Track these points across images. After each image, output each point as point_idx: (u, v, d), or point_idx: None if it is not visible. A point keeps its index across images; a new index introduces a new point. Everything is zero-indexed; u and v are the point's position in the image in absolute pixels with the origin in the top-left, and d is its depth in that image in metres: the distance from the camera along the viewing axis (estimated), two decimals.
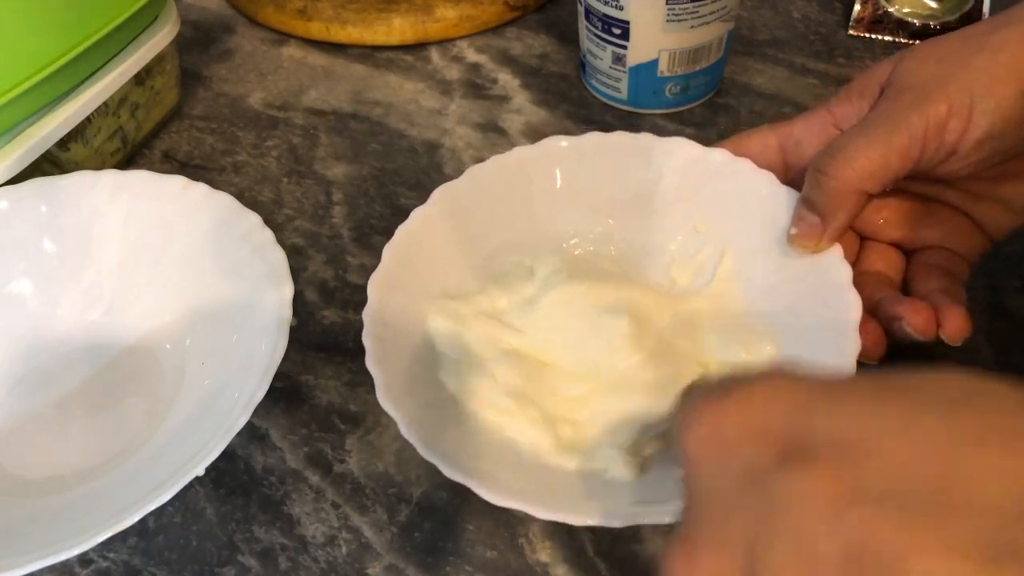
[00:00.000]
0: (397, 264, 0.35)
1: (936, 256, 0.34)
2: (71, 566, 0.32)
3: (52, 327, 0.39)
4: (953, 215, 0.35)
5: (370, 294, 0.33)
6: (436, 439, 0.29)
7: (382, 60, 0.55)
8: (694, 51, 0.46)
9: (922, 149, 0.30)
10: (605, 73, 0.48)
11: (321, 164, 0.48)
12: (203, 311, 0.37)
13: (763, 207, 0.35)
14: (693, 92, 0.48)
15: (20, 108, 0.40)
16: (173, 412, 0.35)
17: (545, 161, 0.39)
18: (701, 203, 0.37)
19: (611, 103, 0.50)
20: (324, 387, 0.37)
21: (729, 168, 0.36)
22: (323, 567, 0.32)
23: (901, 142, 0.30)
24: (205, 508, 0.34)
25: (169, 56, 0.48)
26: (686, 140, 0.37)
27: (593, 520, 0.27)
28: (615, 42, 0.46)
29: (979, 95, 0.29)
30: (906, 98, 0.31)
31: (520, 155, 0.38)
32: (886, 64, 0.33)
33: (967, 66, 0.30)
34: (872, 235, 0.36)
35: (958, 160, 0.31)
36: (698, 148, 0.37)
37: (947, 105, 0.30)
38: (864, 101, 0.33)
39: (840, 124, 0.34)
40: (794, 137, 0.35)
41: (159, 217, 0.39)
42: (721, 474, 0.18)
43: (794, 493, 0.16)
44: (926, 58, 0.31)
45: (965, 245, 0.34)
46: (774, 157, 0.36)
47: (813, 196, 0.32)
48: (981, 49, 0.30)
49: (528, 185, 0.38)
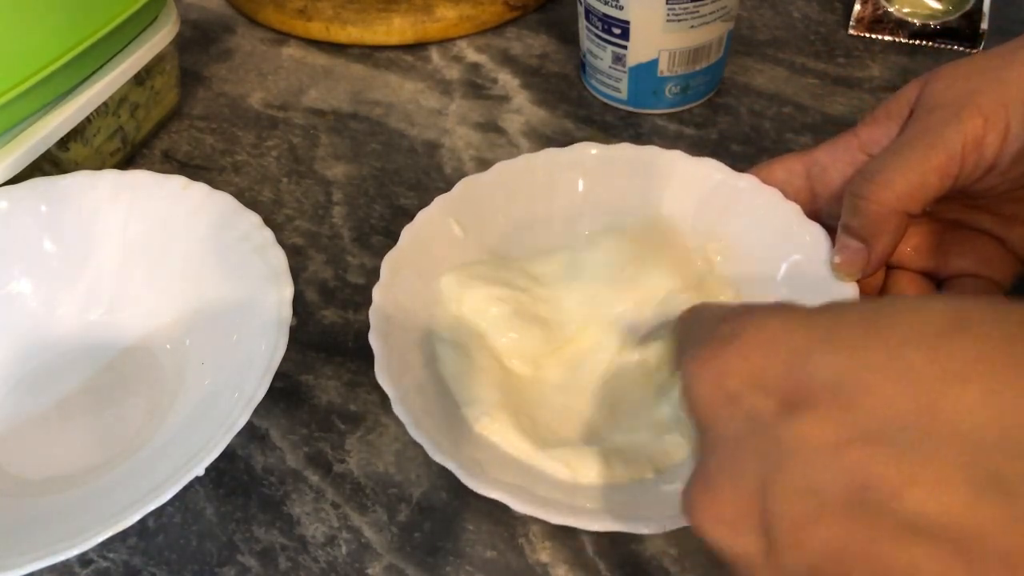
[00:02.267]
0: (413, 245, 0.36)
1: (968, 284, 0.34)
2: (71, 566, 0.32)
3: (52, 327, 0.39)
4: (985, 240, 0.34)
5: (383, 272, 0.34)
6: (426, 421, 0.30)
7: (382, 60, 0.55)
8: (694, 51, 0.46)
9: (961, 165, 0.30)
10: (605, 73, 0.48)
11: (321, 164, 0.48)
12: (203, 311, 0.37)
13: (783, 238, 0.35)
14: (693, 92, 0.48)
15: (20, 108, 0.40)
16: (173, 412, 0.35)
17: (571, 165, 0.39)
18: (720, 229, 0.37)
19: (611, 103, 0.50)
20: (324, 387, 0.37)
21: (753, 196, 0.36)
22: (323, 567, 0.32)
23: (939, 160, 0.29)
24: (205, 508, 0.34)
25: (169, 56, 0.48)
26: (715, 162, 0.37)
27: (571, 520, 0.27)
28: (615, 42, 0.46)
29: (1014, 107, 0.29)
30: (939, 116, 0.30)
31: (548, 157, 0.39)
32: (913, 86, 0.32)
33: (998, 80, 0.29)
34: (900, 264, 0.35)
35: (997, 175, 0.30)
36: (725, 172, 0.37)
37: (982, 119, 0.29)
38: (893, 123, 0.33)
39: (868, 148, 0.33)
40: (820, 163, 0.35)
41: (159, 217, 0.39)
42: (728, 422, 0.19)
43: (797, 438, 0.18)
44: (954, 77, 0.31)
45: (998, 271, 0.34)
46: (800, 183, 0.35)
47: (853, 222, 0.31)
48: (1011, 64, 0.30)
49: (550, 186, 0.39)
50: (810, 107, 0.48)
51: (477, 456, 0.30)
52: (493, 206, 0.38)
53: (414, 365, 0.33)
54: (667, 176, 0.38)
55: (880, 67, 0.51)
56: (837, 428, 0.17)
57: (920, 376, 0.16)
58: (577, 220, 0.39)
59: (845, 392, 0.17)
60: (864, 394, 0.17)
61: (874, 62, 0.51)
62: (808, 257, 0.34)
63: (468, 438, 0.31)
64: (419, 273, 0.36)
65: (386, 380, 0.31)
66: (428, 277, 0.36)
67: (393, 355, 0.32)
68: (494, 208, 0.38)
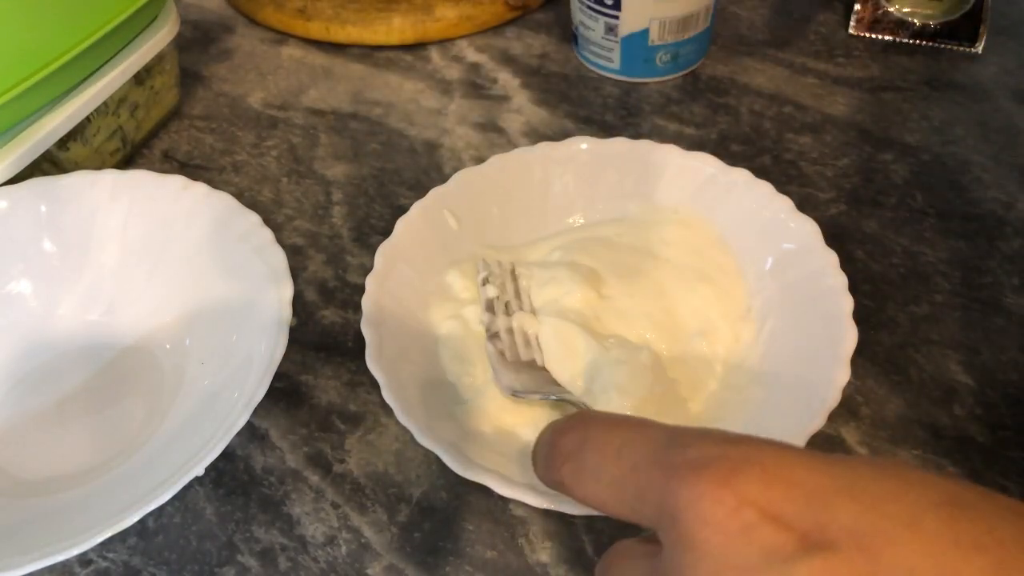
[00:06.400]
0: (408, 236, 0.36)
1: None
2: (71, 566, 0.32)
3: (52, 327, 0.39)
4: None
5: (377, 262, 0.35)
6: (416, 409, 0.30)
7: (382, 60, 0.55)
8: (683, 20, 0.47)
9: None
10: (597, 44, 0.49)
11: (321, 164, 0.48)
12: (203, 311, 0.37)
13: (775, 230, 0.36)
14: (683, 60, 0.50)
15: (20, 108, 0.40)
16: (173, 412, 0.35)
17: (566, 159, 0.40)
18: (712, 221, 0.38)
19: (604, 74, 0.51)
20: (324, 387, 0.37)
21: (746, 189, 0.37)
22: (323, 567, 0.32)
23: None
24: (205, 508, 0.34)
25: (169, 56, 0.48)
26: (709, 156, 0.38)
27: (554, 505, 0.27)
28: (608, 13, 0.47)
29: None
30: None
31: (543, 151, 0.40)
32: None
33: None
34: None
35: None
36: (718, 165, 0.38)
37: None
38: None
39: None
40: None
41: (159, 217, 0.39)
42: (740, 549, 0.19)
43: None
44: None
45: None
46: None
47: None
48: None
49: (545, 179, 0.40)
50: (810, 107, 0.48)
51: (466, 442, 0.30)
52: (488, 198, 0.39)
53: (408, 354, 0.33)
54: (661, 169, 0.39)
55: (880, 67, 0.51)
56: (858, 574, 0.17)
57: (937, 538, 0.17)
58: (571, 213, 0.40)
59: (868, 540, 0.17)
60: (887, 545, 0.17)
61: (874, 62, 0.51)
62: (799, 249, 0.34)
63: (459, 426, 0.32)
64: (413, 264, 0.36)
65: (376, 368, 0.31)
66: (423, 268, 0.36)
67: (385, 344, 0.32)
68: (489, 200, 0.39)
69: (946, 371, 0.36)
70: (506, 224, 0.39)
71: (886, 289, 0.39)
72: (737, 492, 0.19)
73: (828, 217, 0.42)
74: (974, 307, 0.38)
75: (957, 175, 0.44)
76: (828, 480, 0.19)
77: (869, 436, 0.34)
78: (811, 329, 0.33)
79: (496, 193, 0.39)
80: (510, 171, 0.39)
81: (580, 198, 0.40)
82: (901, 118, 0.47)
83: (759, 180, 0.37)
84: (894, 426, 0.34)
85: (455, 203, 0.38)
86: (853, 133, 0.47)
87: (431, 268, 0.37)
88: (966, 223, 0.42)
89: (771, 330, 0.34)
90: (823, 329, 0.32)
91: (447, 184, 0.38)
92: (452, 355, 0.35)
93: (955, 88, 0.49)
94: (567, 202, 0.40)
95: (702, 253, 0.37)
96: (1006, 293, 0.38)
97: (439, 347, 0.35)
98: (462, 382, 0.34)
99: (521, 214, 0.39)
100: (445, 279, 0.37)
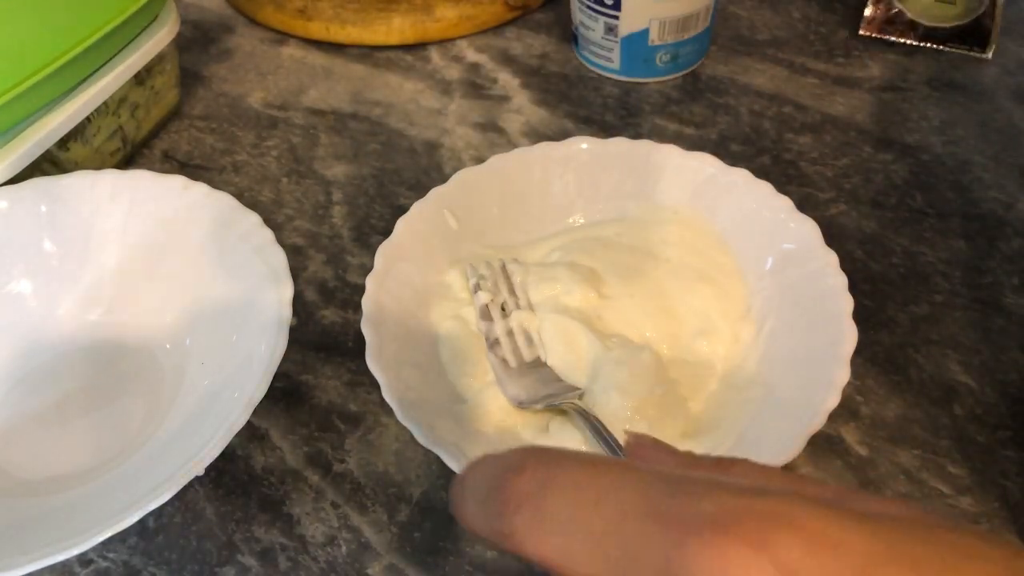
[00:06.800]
0: (408, 236, 0.36)
1: None
2: (71, 566, 0.32)
3: (52, 327, 0.39)
4: None
5: (377, 261, 0.35)
6: (416, 409, 0.30)
7: (382, 60, 0.55)
8: (683, 20, 0.47)
9: None
10: (597, 44, 0.49)
11: (321, 164, 0.48)
12: (203, 311, 0.37)
13: (775, 229, 0.36)
14: (683, 60, 0.50)
15: (20, 108, 0.40)
16: (173, 412, 0.35)
17: (566, 159, 0.40)
18: (712, 220, 0.38)
19: (604, 74, 0.51)
20: (324, 387, 0.37)
21: (745, 189, 0.37)
22: (323, 567, 0.32)
23: None
24: (205, 508, 0.34)
25: (169, 56, 0.48)
26: (709, 156, 0.38)
27: None
28: (608, 13, 0.47)
29: None
30: None
31: (543, 151, 0.40)
32: None
33: None
34: None
35: None
36: (718, 165, 0.38)
37: None
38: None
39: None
40: None
41: (159, 217, 0.39)
42: None
43: None
44: None
45: None
46: None
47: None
48: None
49: (545, 179, 0.40)
50: (810, 107, 0.48)
51: (466, 442, 0.30)
52: (488, 198, 0.39)
53: (408, 354, 0.33)
54: (661, 169, 0.39)
55: (880, 67, 0.51)
56: None
57: None
58: (571, 213, 0.40)
59: None
60: None
61: (874, 62, 0.51)
62: (799, 249, 0.34)
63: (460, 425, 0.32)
64: (414, 264, 0.36)
65: (376, 367, 0.31)
66: (423, 268, 0.36)
67: (385, 344, 0.32)
68: (489, 200, 0.39)
69: (946, 371, 0.36)
70: (506, 224, 0.39)
71: (886, 289, 0.39)
72: (776, 559, 0.16)
73: (828, 217, 0.42)
74: (974, 307, 0.38)
75: (957, 175, 0.44)
76: (880, 546, 0.17)
77: (869, 436, 0.34)
78: (811, 329, 0.33)
79: (496, 193, 0.39)
80: (510, 171, 0.39)
81: (580, 198, 0.40)
82: (901, 118, 0.47)
83: (759, 180, 0.37)
84: (894, 426, 0.34)
85: (455, 203, 0.38)
86: (853, 133, 0.47)
87: (431, 268, 0.37)
88: (966, 223, 0.42)
89: (771, 330, 0.34)
90: (823, 329, 0.32)
91: (447, 184, 0.38)
92: (452, 355, 0.35)
93: (955, 88, 0.49)
94: (567, 202, 0.40)
95: (702, 253, 0.37)
96: (1006, 293, 0.38)
97: (439, 347, 0.35)
98: (462, 382, 0.34)
99: (521, 214, 0.39)
100: (445, 279, 0.37)
